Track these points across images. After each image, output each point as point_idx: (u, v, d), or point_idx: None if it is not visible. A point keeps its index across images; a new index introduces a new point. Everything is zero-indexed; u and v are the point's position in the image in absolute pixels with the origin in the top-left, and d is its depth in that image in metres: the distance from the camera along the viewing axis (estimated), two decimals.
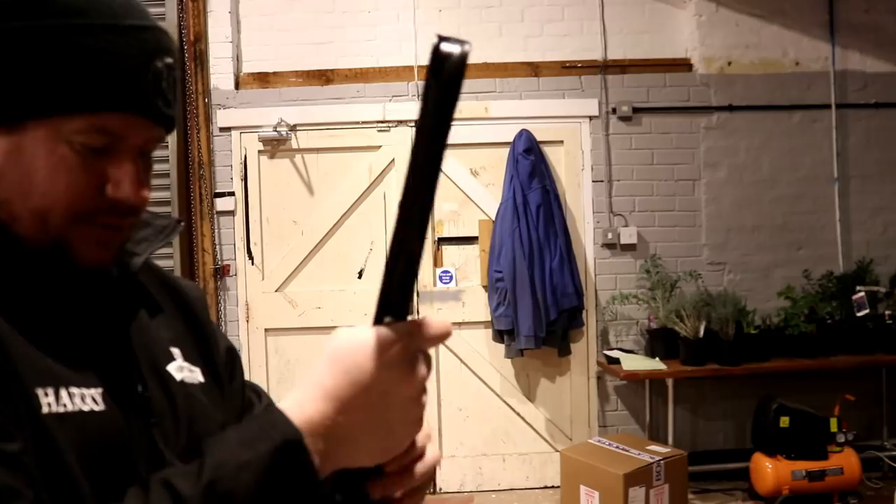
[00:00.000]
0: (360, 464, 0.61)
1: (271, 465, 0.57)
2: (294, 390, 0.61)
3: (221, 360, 0.91)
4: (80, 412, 0.67)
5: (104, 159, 0.71)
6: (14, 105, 0.68)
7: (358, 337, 0.58)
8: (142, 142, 0.73)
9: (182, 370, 0.82)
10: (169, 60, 0.74)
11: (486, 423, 4.55)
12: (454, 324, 4.52)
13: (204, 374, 0.85)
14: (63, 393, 0.67)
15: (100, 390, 0.70)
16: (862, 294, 4.23)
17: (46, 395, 0.65)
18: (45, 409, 0.64)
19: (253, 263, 4.52)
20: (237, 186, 4.51)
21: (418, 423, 0.60)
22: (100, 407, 0.69)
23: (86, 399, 0.68)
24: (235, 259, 4.51)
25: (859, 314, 4.21)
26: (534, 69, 4.56)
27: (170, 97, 0.74)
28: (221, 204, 4.49)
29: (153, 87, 0.72)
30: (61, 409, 0.66)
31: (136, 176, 0.73)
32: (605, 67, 4.57)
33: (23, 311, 0.69)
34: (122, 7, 0.71)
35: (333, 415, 0.58)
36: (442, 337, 0.60)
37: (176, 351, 0.83)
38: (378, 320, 0.59)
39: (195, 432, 0.77)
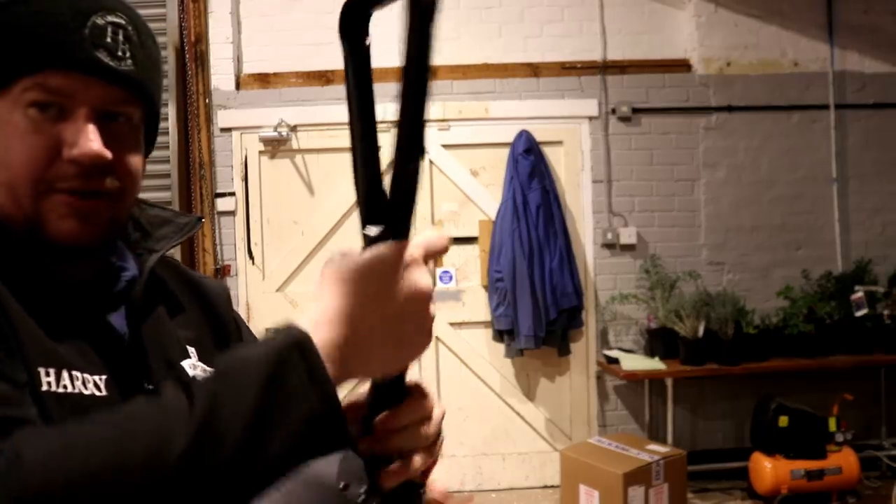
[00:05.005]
0: (372, 375, 0.62)
1: (278, 358, 0.56)
2: (304, 316, 0.60)
3: None
4: (80, 395, 0.68)
5: (57, 123, 0.71)
6: None
7: (365, 257, 0.59)
8: (95, 101, 0.72)
9: (195, 368, 0.82)
10: (114, 18, 0.73)
11: (486, 422, 4.56)
12: (454, 324, 4.53)
13: None
14: (65, 374, 0.68)
15: (104, 377, 0.71)
16: (860, 294, 4.23)
17: (48, 374, 0.67)
18: (44, 388, 0.66)
19: (253, 263, 4.53)
20: (238, 187, 4.52)
21: (429, 333, 0.61)
22: (102, 393, 0.70)
23: (87, 384, 0.69)
24: (236, 259, 4.52)
25: (858, 314, 4.22)
26: (534, 70, 4.57)
27: (120, 53, 0.73)
28: (222, 204, 4.50)
29: (93, 41, 0.71)
30: (60, 390, 0.67)
31: (89, 133, 0.71)
32: (605, 68, 4.58)
33: (38, 298, 0.70)
34: None
35: (347, 333, 0.58)
36: (440, 248, 0.62)
37: (192, 350, 0.84)
38: (366, 228, 0.60)
39: None
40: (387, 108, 0.65)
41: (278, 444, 0.55)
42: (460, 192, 4.54)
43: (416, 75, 0.60)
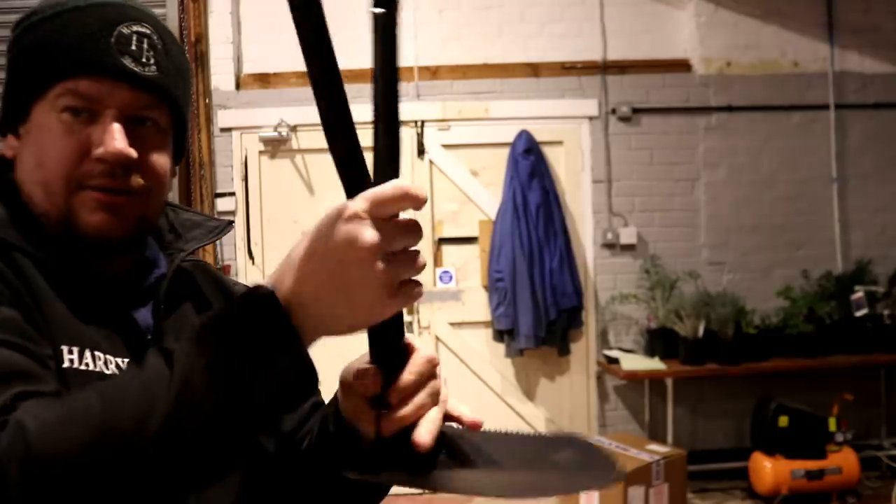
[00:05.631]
0: (337, 333, 0.63)
1: (244, 312, 0.61)
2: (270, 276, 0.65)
3: None
4: (101, 373, 0.74)
5: (87, 126, 0.78)
6: (20, 96, 0.79)
7: (324, 215, 0.62)
8: (121, 104, 0.78)
9: None
10: (139, 28, 0.80)
11: (486, 422, 4.54)
12: (454, 324, 4.53)
13: None
14: (87, 354, 0.74)
15: (126, 360, 0.77)
16: (860, 294, 4.24)
17: (71, 352, 0.73)
18: (65, 364, 0.72)
19: (253, 263, 4.53)
20: (238, 187, 4.52)
21: (385, 288, 0.59)
22: None
23: (109, 364, 0.75)
24: (236, 259, 4.52)
25: (858, 314, 4.23)
26: (534, 70, 4.57)
27: (144, 59, 0.79)
28: (222, 204, 4.50)
29: (119, 49, 0.78)
30: (83, 367, 0.73)
31: (115, 133, 0.77)
32: (605, 68, 4.58)
33: (69, 288, 0.77)
34: None
35: (297, 282, 0.61)
36: (393, 199, 0.59)
37: None
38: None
39: None
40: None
41: (252, 397, 0.60)
42: (460, 192, 4.54)
43: (387, 65, 0.64)
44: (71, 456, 0.56)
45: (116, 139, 0.77)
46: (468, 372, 4.54)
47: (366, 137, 0.61)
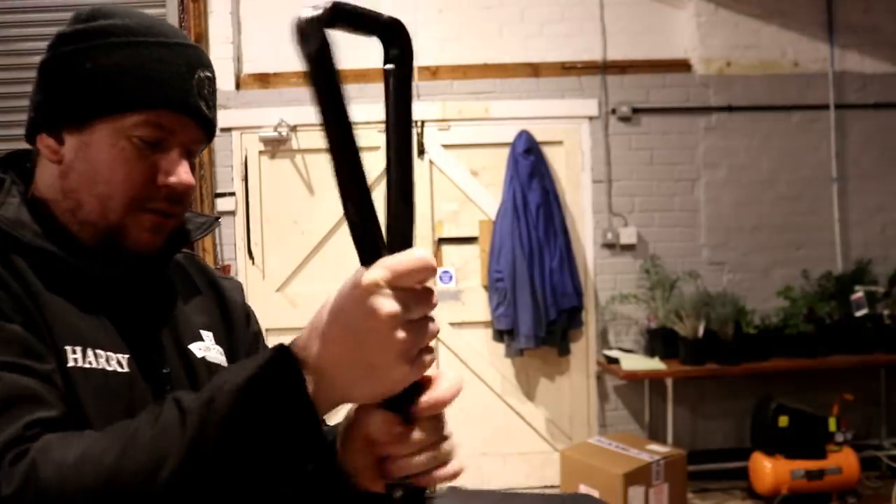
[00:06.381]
0: (355, 401, 0.64)
1: (261, 376, 0.61)
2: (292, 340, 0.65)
3: (245, 345, 1.02)
4: (104, 371, 0.78)
5: (156, 153, 0.85)
6: (84, 107, 0.83)
7: (344, 281, 0.62)
8: (188, 140, 0.87)
9: (207, 350, 0.94)
10: (209, 74, 0.88)
11: (486, 422, 4.56)
12: (454, 324, 4.53)
13: (227, 358, 0.97)
14: (90, 352, 0.78)
15: (127, 356, 0.82)
16: (860, 294, 4.24)
17: (74, 352, 0.77)
18: (70, 363, 0.76)
19: (254, 263, 4.53)
20: (238, 187, 4.52)
21: (403, 357, 0.59)
22: (124, 370, 0.80)
23: (111, 361, 0.80)
24: (236, 259, 4.52)
25: (858, 314, 4.23)
26: (534, 70, 4.57)
27: (211, 103, 0.88)
28: (222, 204, 4.50)
29: (198, 91, 0.86)
30: (86, 366, 0.77)
31: (186, 167, 0.86)
32: (605, 68, 4.58)
33: (69, 286, 0.81)
34: (171, 29, 0.89)
35: (318, 351, 0.61)
36: (412, 271, 0.59)
37: (208, 334, 0.96)
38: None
39: None
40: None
41: (260, 462, 0.62)
42: (460, 192, 4.54)
43: (401, 127, 0.66)
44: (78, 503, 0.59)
45: (187, 173, 0.86)
46: (468, 372, 4.54)
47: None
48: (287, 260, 4.53)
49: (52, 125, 0.85)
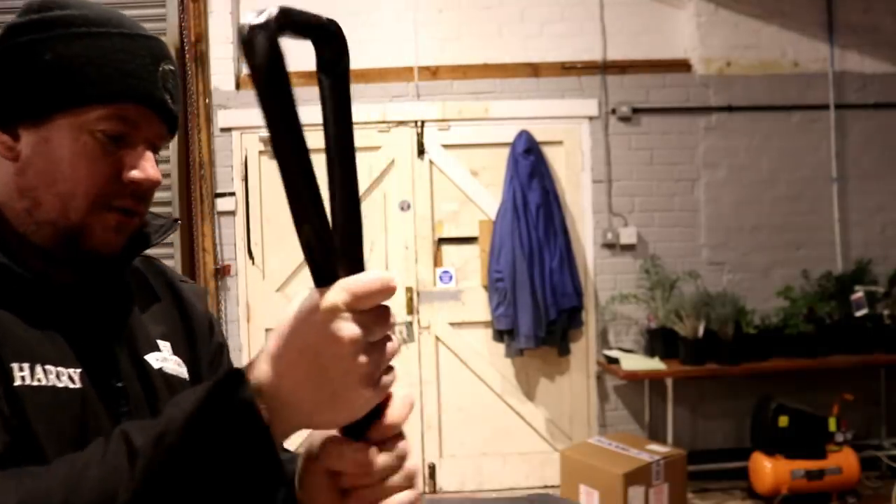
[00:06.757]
0: (316, 427, 0.61)
1: (210, 402, 0.58)
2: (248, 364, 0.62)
3: (208, 356, 0.97)
4: (54, 388, 0.73)
5: (121, 148, 0.81)
6: (42, 101, 0.78)
7: (295, 303, 0.59)
8: (152, 135, 0.83)
9: (165, 361, 0.88)
10: (171, 67, 0.84)
11: (486, 422, 4.56)
12: (454, 324, 4.53)
13: (189, 370, 0.92)
14: (38, 369, 0.73)
15: (79, 371, 0.76)
16: (860, 294, 4.24)
17: (21, 369, 0.72)
18: (17, 382, 0.71)
19: (254, 263, 4.53)
20: (238, 187, 4.52)
21: (366, 381, 0.57)
22: (75, 385, 0.75)
23: (61, 377, 0.75)
24: (236, 259, 4.52)
25: (858, 314, 4.23)
26: (534, 70, 4.57)
27: (175, 97, 0.84)
28: (222, 204, 4.50)
29: (163, 84, 0.82)
30: (35, 383, 0.72)
31: (151, 161, 0.82)
32: (605, 68, 4.58)
33: (16, 297, 0.76)
34: (130, 21, 0.84)
35: (275, 377, 0.58)
36: (372, 293, 0.57)
37: (165, 345, 0.90)
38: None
39: None
40: (386, 109, 0.65)
41: (216, 489, 0.59)
42: (460, 192, 4.54)
43: (341, 133, 0.63)
44: None
45: (151, 167, 0.82)
46: (468, 372, 4.55)
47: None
48: (287, 260, 4.53)
49: (6, 120, 0.79)
